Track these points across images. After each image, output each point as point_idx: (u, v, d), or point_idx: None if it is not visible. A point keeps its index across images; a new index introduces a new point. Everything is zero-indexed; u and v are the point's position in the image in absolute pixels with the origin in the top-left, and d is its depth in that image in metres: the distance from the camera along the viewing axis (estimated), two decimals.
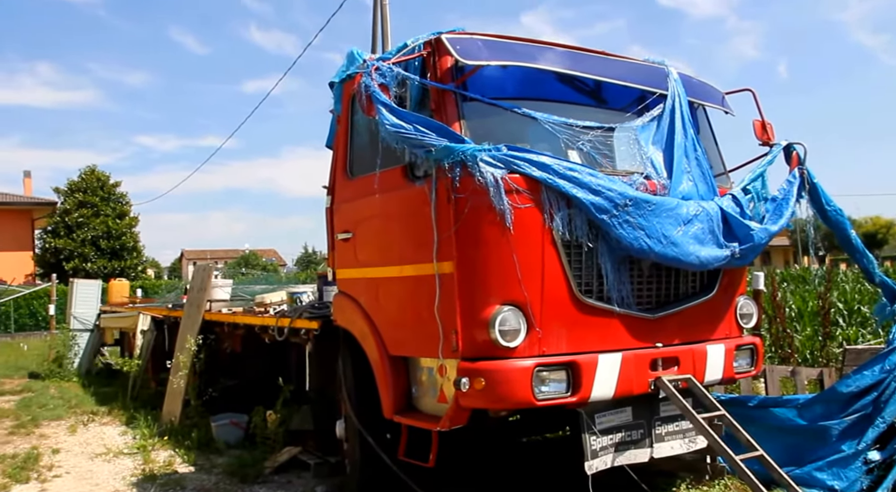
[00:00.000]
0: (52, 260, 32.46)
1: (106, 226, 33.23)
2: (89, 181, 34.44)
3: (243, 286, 10.77)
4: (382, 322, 4.93)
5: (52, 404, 10.37)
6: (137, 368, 10.23)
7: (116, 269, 32.50)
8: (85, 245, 32.56)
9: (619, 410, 4.62)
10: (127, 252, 34.28)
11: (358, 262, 5.23)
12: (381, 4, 16.26)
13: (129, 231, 34.85)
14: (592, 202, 4.30)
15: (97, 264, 32.32)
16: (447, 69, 4.49)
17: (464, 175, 4.17)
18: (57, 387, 11.94)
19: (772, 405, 5.79)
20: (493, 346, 4.14)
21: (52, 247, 32.65)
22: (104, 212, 33.71)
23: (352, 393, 5.30)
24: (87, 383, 12.23)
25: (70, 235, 32.65)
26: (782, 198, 5.38)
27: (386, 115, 4.29)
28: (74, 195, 33.78)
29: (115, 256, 33.55)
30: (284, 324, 6.13)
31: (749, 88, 5.79)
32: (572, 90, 5.04)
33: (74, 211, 33.13)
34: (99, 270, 31.29)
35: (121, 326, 12.60)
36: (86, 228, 32.79)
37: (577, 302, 4.39)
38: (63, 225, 32.99)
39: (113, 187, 35.22)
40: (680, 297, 4.91)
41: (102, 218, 33.36)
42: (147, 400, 9.73)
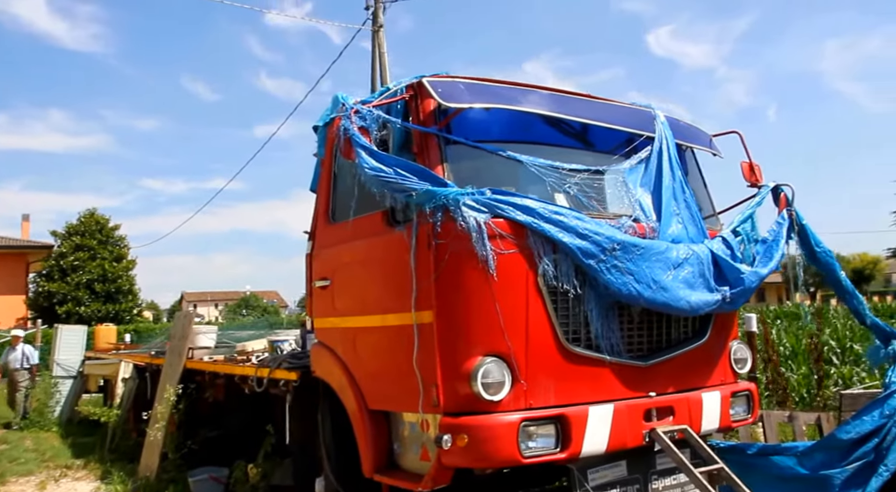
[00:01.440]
0: (44, 304, 31.85)
1: (102, 269, 32.73)
2: (88, 224, 34.02)
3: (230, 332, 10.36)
4: (361, 374, 4.59)
5: (25, 457, 9.81)
6: (116, 418, 9.74)
7: (111, 312, 31.95)
8: (79, 289, 31.98)
9: (612, 464, 4.27)
10: (122, 295, 33.74)
11: (335, 310, 4.91)
12: (379, 53, 16.20)
13: (125, 274, 34.33)
14: (579, 247, 4.03)
15: (91, 308, 31.73)
16: (430, 112, 4.27)
17: (446, 220, 3.91)
18: (34, 438, 11.38)
19: (771, 453, 5.49)
20: (476, 400, 3.82)
21: (46, 291, 32.07)
22: (101, 255, 33.23)
23: (330, 449, 4.94)
24: (66, 434, 11.66)
25: (64, 279, 32.10)
26: (772, 240, 5.15)
27: (365, 159, 4.04)
28: (72, 238, 33.33)
29: (110, 299, 32.97)
30: (263, 374, 5.77)
31: (736, 131, 5.63)
32: (558, 133, 4.81)
33: (70, 254, 32.64)
34: (92, 314, 30.73)
35: (104, 373, 12.15)
36: (81, 272, 32.25)
37: (565, 351, 4.09)
38: (58, 268, 32.45)
39: (112, 230, 34.80)
40: (672, 343, 4.63)
41: (99, 261, 32.88)
42: (126, 452, 9.25)
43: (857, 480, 5.06)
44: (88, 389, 13.30)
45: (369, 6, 16.27)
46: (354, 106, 4.25)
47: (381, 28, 16.31)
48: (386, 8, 16.30)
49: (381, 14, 16.21)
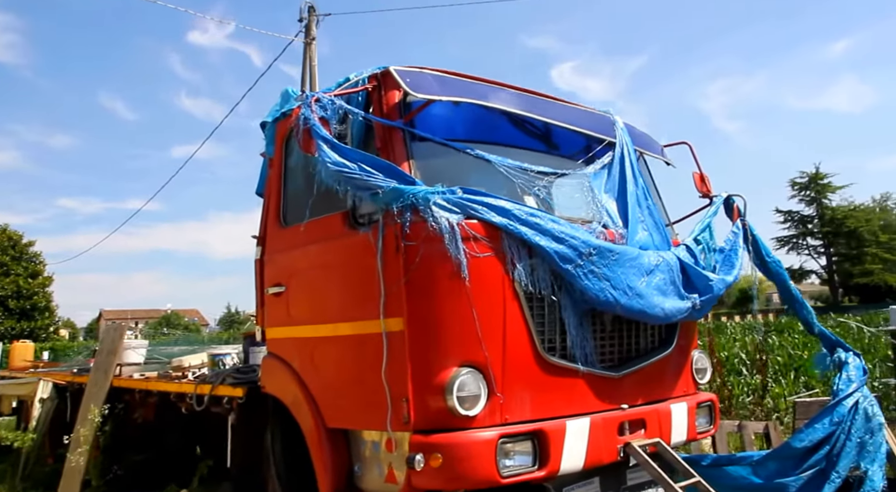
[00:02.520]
0: None
1: (16, 285, 30.69)
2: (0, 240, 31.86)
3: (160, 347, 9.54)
4: (319, 389, 4.10)
5: None
6: (31, 442, 8.75)
7: (25, 330, 29.96)
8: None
9: (586, 482, 3.95)
10: (38, 312, 31.76)
11: (291, 319, 4.40)
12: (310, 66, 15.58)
13: (41, 290, 32.27)
14: (556, 251, 3.70)
15: (5, 325, 29.80)
16: (394, 104, 3.88)
17: (415, 220, 3.51)
18: None
19: (725, 464, 5.27)
20: (450, 415, 3.42)
21: None
22: (15, 271, 31.14)
23: (282, 472, 4.39)
24: None
25: None
26: (729, 249, 4.98)
27: (327, 152, 3.60)
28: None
29: (25, 316, 30.99)
30: (204, 391, 5.16)
31: (685, 142, 5.47)
32: (523, 134, 4.49)
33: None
34: (6, 331, 28.76)
35: (19, 393, 10.95)
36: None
37: (542, 361, 3.74)
38: None
39: (26, 247, 32.70)
40: (640, 353, 4.34)
41: (13, 277, 30.81)
42: (41, 480, 8.25)
43: (811, 487, 4.90)
44: (1, 411, 12.07)
45: (303, 18, 15.72)
46: (315, 94, 3.80)
47: (313, 41, 15.78)
48: (319, 21, 15.79)
49: (314, 27, 15.68)
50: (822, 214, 52.84)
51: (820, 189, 53.21)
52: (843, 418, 5.01)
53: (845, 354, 5.16)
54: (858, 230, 49.96)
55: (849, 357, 5.11)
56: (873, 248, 49.65)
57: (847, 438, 4.82)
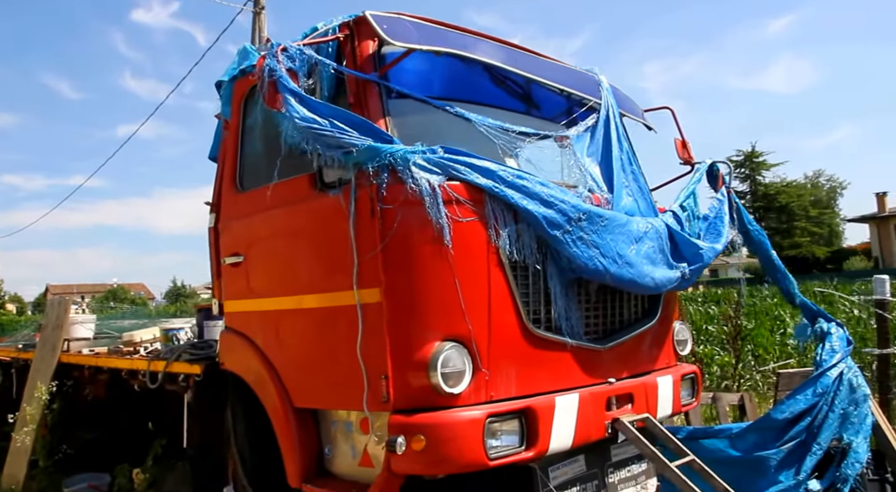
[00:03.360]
0: None
1: None
2: None
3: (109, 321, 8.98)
4: (284, 366, 3.72)
5: None
6: None
7: None
8: None
9: (572, 459, 3.68)
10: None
11: (251, 291, 3.99)
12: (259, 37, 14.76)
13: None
14: (545, 215, 3.37)
15: None
16: (368, 56, 3.48)
17: (392, 182, 3.14)
18: None
19: (701, 437, 5.05)
20: (433, 393, 3.09)
21: None
22: None
23: (245, 454, 4.01)
24: None
25: None
26: (714, 216, 4.72)
27: (295, 107, 3.19)
28: None
29: None
30: (158, 368, 4.73)
31: (668, 106, 5.17)
32: (503, 93, 4.13)
33: None
34: None
35: None
36: None
37: (528, 334, 3.43)
38: None
39: None
40: (624, 324, 4.07)
41: None
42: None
43: (792, 460, 4.74)
44: None
45: None
46: (282, 44, 3.35)
47: (262, 10, 14.95)
48: None
49: None
50: (756, 191, 54.12)
51: (755, 167, 54.50)
52: (826, 388, 4.84)
53: (827, 324, 4.98)
54: (790, 205, 51.50)
55: (831, 327, 4.93)
56: (803, 222, 51.50)
57: (830, 409, 4.66)
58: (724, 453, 4.93)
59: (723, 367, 7.77)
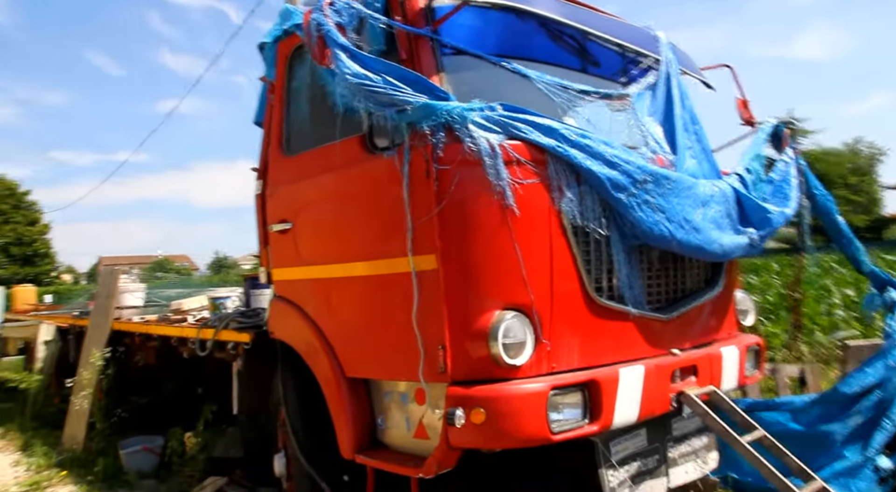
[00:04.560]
0: None
1: (16, 233, 30.02)
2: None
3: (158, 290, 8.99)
4: (336, 335, 3.54)
5: None
6: (37, 384, 8.28)
7: (29, 275, 29.40)
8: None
9: (633, 433, 3.44)
10: (39, 258, 31.16)
11: (301, 259, 3.80)
12: None
13: (40, 238, 31.61)
14: (609, 177, 3.09)
15: (8, 270, 29.23)
16: (419, 10, 3.19)
17: (449, 141, 2.89)
18: None
19: (762, 409, 4.81)
20: (493, 365, 2.86)
21: None
22: (14, 219, 30.43)
23: (297, 424, 3.86)
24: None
25: None
26: (780, 179, 4.36)
27: (346, 62, 2.95)
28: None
29: (27, 262, 30.45)
30: (207, 336, 4.61)
31: (727, 65, 4.78)
32: (560, 50, 3.80)
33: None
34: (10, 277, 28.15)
35: (23, 335, 10.50)
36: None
37: (591, 304, 3.17)
38: None
39: (23, 195, 31.83)
40: (688, 293, 3.78)
41: (12, 225, 30.12)
42: (50, 420, 7.82)
43: (859, 435, 4.44)
44: (7, 352, 11.58)
45: None
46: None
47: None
48: None
49: None
50: None
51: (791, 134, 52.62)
52: None
53: None
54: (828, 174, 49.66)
55: None
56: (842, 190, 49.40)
57: None
58: (784, 427, 4.68)
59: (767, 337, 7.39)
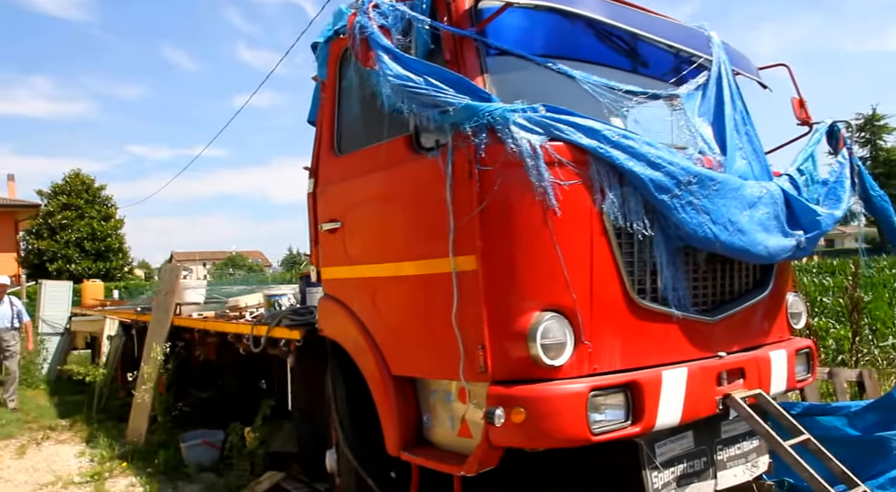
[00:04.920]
0: (35, 262, 30.28)
1: (91, 228, 31.09)
2: (73, 184, 32.09)
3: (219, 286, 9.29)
4: (382, 334, 3.62)
5: (6, 419, 8.61)
6: (102, 377, 8.67)
7: (101, 270, 30.41)
8: (69, 247, 30.35)
9: (680, 435, 3.42)
10: (112, 253, 32.14)
11: (349, 258, 3.91)
12: None
13: (114, 233, 32.67)
14: (652, 178, 3.08)
15: (82, 266, 30.15)
16: (465, 11, 3.25)
17: (491, 142, 2.93)
18: (21, 396, 10.16)
19: (818, 414, 4.69)
20: (533, 365, 2.90)
21: (36, 249, 30.45)
22: (89, 214, 31.53)
23: (345, 421, 3.97)
24: (53, 392, 10.55)
25: (53, 237, 30.42)
26: (834, 180, 4.25)
27: (388, 64, 3.01)
28: (58, 198, 31.45)
29: (101, 257, 31.40)
30: (261, 333, 4.78)
31: (784, 64, 4.67)
32: (608, 50, 3.80)
33: (58, 213, 30.86)
34: (84, 272, 29.17)
35: (90, 330, 11.03)
36: (70, 230, 30.56)
37: (633, 305, 3.17)
38: (46, 227, 30.72)
39: (98, 190, 32.93)
40: (735, 295, 3.73)
41: (87, 220, 31.19)
42: (114, 412, 8.22)
43: None
44: (76, 346, 12.17)
45: None
46: (374, 0, 3.18)
47: None
48: None
49: None
50: (877, 156, 50.06)
51: (875, 130, 50.40)
52: None
53: None
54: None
55: None
56: None
57: None
58: (840, 432, 4.57)
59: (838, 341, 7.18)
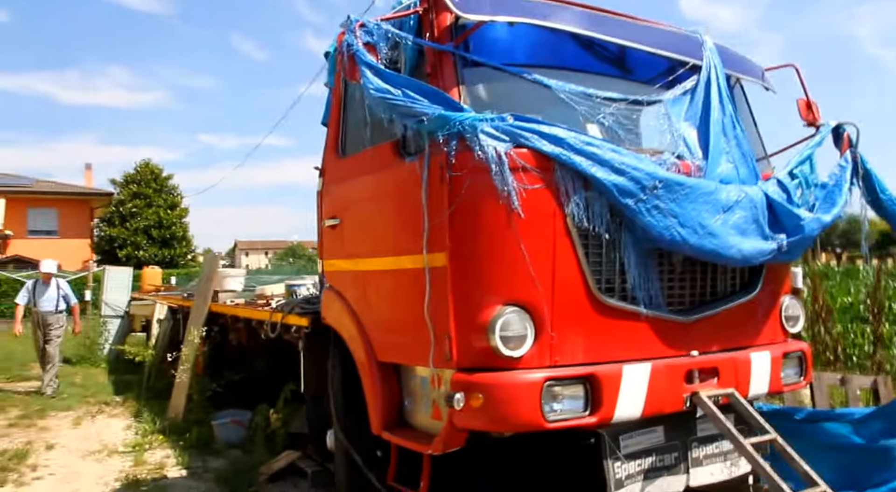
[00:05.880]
0: (107, 248, 32.06)
1: (158, 216, 32.65)
2: (143, 174, 33.76)
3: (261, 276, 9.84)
4: (370, 322, 3.96)
5: (69, 392, 9.52)
6: (151, 358, 9.38)
7: (166, 257, 31.91)
8: (137, 234, 32.01)
9: (648, 430, 3.60)
10: (177, 241, 33.67)
11: (345, 252, 4.26)
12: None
13: (179, 221, 34.20)
14: (615, 183, 3.29)
15: (148, 252, 31.72)
16: (446, 27, 3.51)
17: (461, 149, 3.20)
18: (84, 374, 11.14)
19: (823, 419, 4.73)
20: (494, 355, 3.16)
21: (107, 235, 32.24)
22: (156, 203, 33.12)
23: (339, 402, 4.33)
24: (112, 371, 11.42)
25: (124, 225, 32.14)
26: (833, 184, 4.30)
27: (370, 78, 3.31)
28: (129, 187, 33.17)
29: (166, 244, 32.93)
30: (276, 319, 5.20)
31: (792, 64, 4.73)
32: (592, 57, 4.00)
33: (128, 201, 32.57)
34: (150, 258, 30.67)
35: (145, 314, 11.85)
36: (138, 218, 32.20)
37: (596, 303, 3.39)
38: (118, 215, 32.47)
39: (165, 180, 34.53)
40: (718, 296, 3.88)
41: (155, 208, 32.77)
42: (161, 391, 8.87)
43: None
44: (134, 328, 13.06)
45: None
46: (360, 20, 3.50)
47: None
48: None
49: None
50: None
51: None
52: None
53: None
54: None
55: None
56: None
57: None
58: (846, 439, 4.60)
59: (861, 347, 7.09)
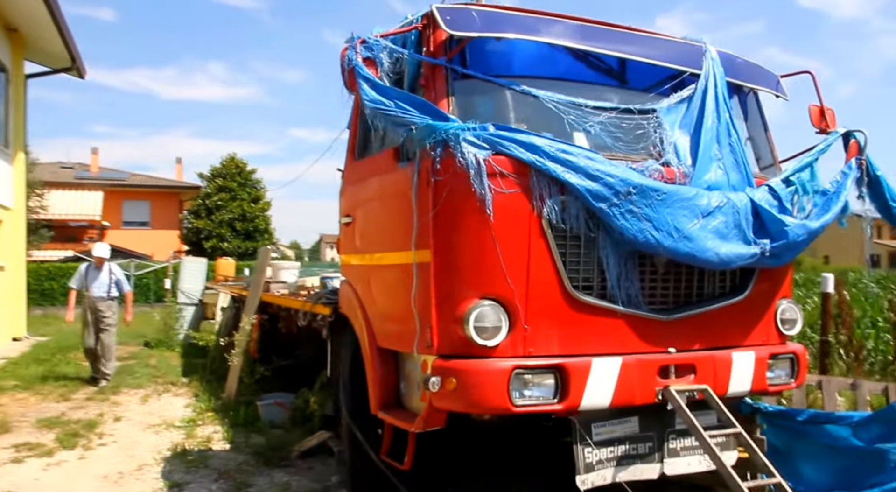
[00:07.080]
0: (194, 239, 33.83)
1: (241, 209, 34.06)
2: (229, 168, 35.33)
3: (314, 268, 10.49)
4: (372, 312, 4.43)
5: (142, 372, 10.52)
6: (213, 344, 10.21)
7: (250, 249, 33.22)
8: (222, 226, 33.56)
9: (622, 420, 3.89)
10: (259, 234, 35.03)
11: (356, 248, 4.76)
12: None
13: (261, 214, 35.57)
14: (588, 189, 3.59)
15: (233, 244, 33.15)
16: (441, 43, 3.90)
17: (445, 156, 3.59)
18: (159, 356, 12.22)
19: (824, 421, 4.85)
20: (470, 344, 3.54)
21: (195, 227, 34.02)
22: (240, 196, 34.55)
23: (347, 384, 4.83)
24: (184, 354, 12.45)
25: (209, 217, 33.78)
26: (833, 191, 4.41)
27: (366, 91, 3.75)
28: (215, 180, 34.78)
29: (249, 237, 34.31)
30: (307, 308, 5.76)
31: (808, 71, 4.85)
32: (589, 68, 4.31)
33: (214, 195, 34.17)
34: (234, 250, 32.12)
35: (215, 302, 12.78)
36: (223, 211, 33.71)
37: (570, 299, 3.70)
38: (204, 207, 34.13)
39: (249, 174, 36.02)
40: (704, 298, 4.10)
41: (239, 202, 34.21)
42: (222, 374, 9.65)
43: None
44: (206, 316, 14.08)
45: None
46: (361, 36, 3.94)
47: None
48: None
49: None
50: None
51: None
52: None
53: None
54: None
55: None
56: None
57: None
58: (845, 442, 4.71)
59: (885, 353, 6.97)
